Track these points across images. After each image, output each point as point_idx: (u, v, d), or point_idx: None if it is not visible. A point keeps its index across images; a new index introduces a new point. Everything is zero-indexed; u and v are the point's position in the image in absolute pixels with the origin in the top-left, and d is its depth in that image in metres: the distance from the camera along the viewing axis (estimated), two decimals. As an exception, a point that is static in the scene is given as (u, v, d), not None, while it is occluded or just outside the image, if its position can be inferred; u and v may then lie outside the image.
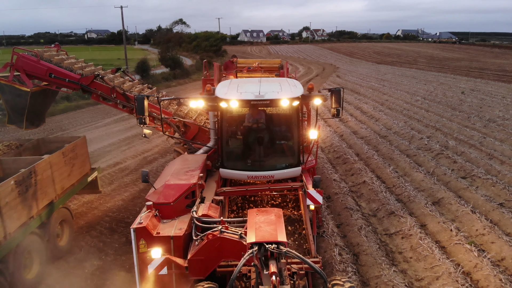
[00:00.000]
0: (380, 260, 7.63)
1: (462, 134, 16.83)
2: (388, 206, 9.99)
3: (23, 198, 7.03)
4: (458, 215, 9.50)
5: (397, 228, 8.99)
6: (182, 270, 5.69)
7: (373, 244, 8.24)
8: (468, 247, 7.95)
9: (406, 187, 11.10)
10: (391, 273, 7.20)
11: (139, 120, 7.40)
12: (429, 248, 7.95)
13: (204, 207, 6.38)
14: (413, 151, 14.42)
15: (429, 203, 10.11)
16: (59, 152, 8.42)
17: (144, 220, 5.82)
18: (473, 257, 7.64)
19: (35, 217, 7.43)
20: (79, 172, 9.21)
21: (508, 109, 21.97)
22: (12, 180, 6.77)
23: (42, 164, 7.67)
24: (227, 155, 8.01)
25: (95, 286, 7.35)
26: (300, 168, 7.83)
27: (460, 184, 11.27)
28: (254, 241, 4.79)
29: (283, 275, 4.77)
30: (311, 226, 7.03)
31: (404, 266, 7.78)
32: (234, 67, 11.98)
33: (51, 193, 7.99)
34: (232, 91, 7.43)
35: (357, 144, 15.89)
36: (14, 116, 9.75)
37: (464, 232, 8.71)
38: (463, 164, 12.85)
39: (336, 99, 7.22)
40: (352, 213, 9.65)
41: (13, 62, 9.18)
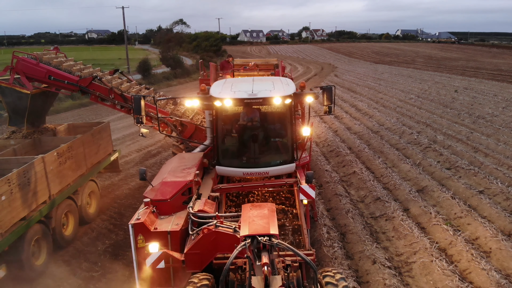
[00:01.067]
0: (364, 238, 8.45)
1: (451, 129, 17.64)
2: (375, 193, 10.82)
3: (62, 167, 8.68)
4: (439, 201, 10.32)
5: (381, 212, 9.82)
6: (179, 263, 5.86)
7: (359, 225, 9.07)
8: (445, 227, 8.77)
9: (393, 177, 11.92)
10: (373, 249, 8.02)
11: (136, 120, 7.64)
12: (409, 228, 8.77)
13: (200, 203, 6.56)
14: (402, 145, 15.24)
15: (413, 191, 10.93)
16: (90, 132, 10.11)
17: (142, 216, 6.02)
18: (448, 236, 8.46)
19: (71, 184, 9.06)
20: (104, 152, 10.80)
21: (497, 106, 22.78)
22: (55, 151, 8.46)
23: (77, 141, 9.37)
24: (223, 153, 8.17)
25: (108, 260, 8.18)
26: (294, 164, 7.98)
27: (444, 174, 12.08)
28: (247, 234, 4.91)
29: (275, 266, 4.91)
30: (305, 220, 7.19)
31: (386, 244, 8.60)
32: (230, 66, 12.27)
33: (83, 167, 9.67)
34: (226, 90, 7.60)
35: (350, 138, 16.71)
36: (15, 118, 10.04)
37: (443, 215, 9.53)
38: (448, 157, 13.66)
39: (328, 96, 7.45)
40: (341, 199, 10.47)
41: (13, 65, 9.42)
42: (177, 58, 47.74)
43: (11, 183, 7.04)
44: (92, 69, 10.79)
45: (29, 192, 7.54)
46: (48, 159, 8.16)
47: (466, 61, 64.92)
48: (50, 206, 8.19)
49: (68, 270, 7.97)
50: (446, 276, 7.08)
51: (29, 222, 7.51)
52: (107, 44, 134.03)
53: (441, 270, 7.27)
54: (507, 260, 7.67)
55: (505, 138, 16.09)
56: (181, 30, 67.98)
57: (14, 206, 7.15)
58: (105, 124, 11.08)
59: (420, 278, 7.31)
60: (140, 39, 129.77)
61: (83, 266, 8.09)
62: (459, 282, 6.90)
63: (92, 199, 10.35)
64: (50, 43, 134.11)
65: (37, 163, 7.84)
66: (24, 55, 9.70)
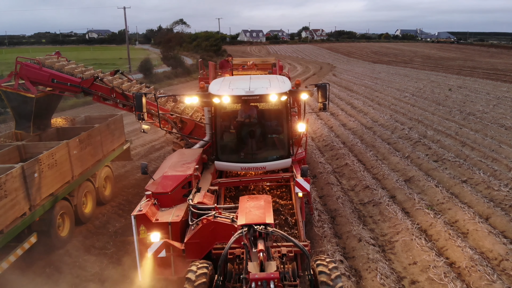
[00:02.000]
0: (352, 220, 9.24)
1: (441, 125, 18.42)
2: (364, 182, 11.60)
3: (83, 152, 9.79)
4: (424, 189, 11.10)
5: (370, 199, 10.60)
6: (179, 252, 6.09)
7: (348, 209, 9.85)
8: (427, 211, 9.56)
9: (382, 168, 12.70)
10: (360, 229, 8.80)
11: (138, 116, 7.86)
12: (394, 212, 9.56)
13: (200, 195, 6.84)
14: (393, 140, 16.02)
15: (401, 180, 11.71)
16: (105, 123, 11.17)
17: (144, 208, 6.28)
18: (429, 219, 9.24)
19: (90, 168, 10.13)
20: (117, 141, 11.90)
21: (488, 104, 23.55)
22: (77, 138, 9.56)
23: (95, 130, 10.47)
24: (222, 148, 8.37)
25: (119, 241, 8.98)
26: (290, 159, 8.22)
27: (431, 166, 12.86)
28: (244, 223, 5.17)
29: (270, 253, 5.16)
30: (300, 213, 7.39)
31: (372, 226, 9.39)
32: (229, 65, 12.54)
33: (100, 153, 10.74)
34: (224, 87, 7.83)
35: (344, 134, 17.49)
36: (21, 122, 10.31)
37: (426, 201, 10.32)
38: (436, 150, 14.44)
39: (323, 93, 7.65)
40: (333, 187, 11.26)
41: (17, 71, 9.72)
42: (178, 57, 48.56)
43: (42, 163, 8.16)
44: (94, 70, 11.13)
45: (56, 172, 8.66)
46: (72, 144, 9.31)
47: (463, 60, 65.54)
48: (73, 185, 9.30)
49: (85, 246, 8.92)
50: (424, 252, 7.86)
51: (56, 198, 8.64)
52: (107, 44, 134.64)
53: (420, 247, 8.05)
54: (482, 239, 8.43)
55: (492, 133, 16.87)
56: (181, 30, 68.57)
57: (44, 182, 8.25)
58: (119, 116, 12.14)
59: (401, 254, 8.09)
60: (141, 39, 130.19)
61: (96, 245, 8.91)
62: (435, 257, 7.68)
63: (107, 183, 11.43)
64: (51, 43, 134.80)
65: (63, 147, 8.96)
66: (27, 60, 10.03)
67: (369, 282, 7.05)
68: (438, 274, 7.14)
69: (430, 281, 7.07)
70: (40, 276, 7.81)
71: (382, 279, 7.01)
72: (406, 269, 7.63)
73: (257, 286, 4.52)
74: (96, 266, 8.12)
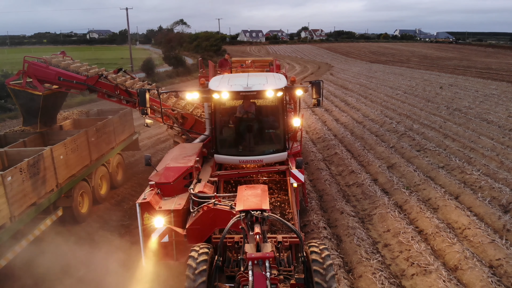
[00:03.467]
0: (337, 198, 10.50)
1: (427, 120, 19.67)
2: (350, 167, 12.86)
3: (99, 140, 10.96)
4: (404, 173, 12.36)
5: (354, 181, 11.87)
6: (181, 238, 6.39)
7: (334, 190, 11.11)
8: (403, 191, 10.82)
9: (368, 156, 13.96)
10: (343, 205, 10.06)
11: (142, 111, 8.18)
12: (374, 191, 10.82)
13: (200, 185, 7.22)
14: (381, 132, 17.27)
15: (384, 166, 12.96)
16: (117, 115, 12.38)
17: (148, 197, 6.60)
18: (405, 196, 10.50)
19: (105, 154, 11.34)
20: (128, 132, 13.13)
21: (475, 101, 24.80)
22: (94, 127, 10.73)
23: (109, 121, 11.67)
24: (221, 142, 8.72)
25: (132, 214, 10.24)
26: (286, 153, 8.59)
27: (413, 154, 14.11)
28: (242, 209, 5.47)
29: (265, 236, 5.49)
30: (295, 203, 7.82)
31: (354, 203, 10.65)
32: (228, 64, 13.02)
33: (113, 142, 11.96)
34: (223, 84, 8.24)
35: (336, 128, 18.75)
36: (28, 119, 10.72)
37: (404, 183, 11.57)
38: (419, 141, 15.69)
39: (317, 90, 7.99)
40: (322, 172, 12.52)
41: (24, 70, 10.08)
42: (179, 57, 49.80)
43: (66, 147, 9.44)
44: (98, 68, 11.57)
45: (77, 156, 9.88)
46: (90, 132, 10.51)
47: (459, 60, 66.59)
48: (91, 168, 10.47)
49: (104, 219, 10.26)
50: (397, 222, 9.11)
51: (77, 178, 9.85)
52: (108, 44, 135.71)
53: (394, 218, 9.30)
54: (449, 213, 9.68)
55: (474, 126, 18.13)
56: (181, 30, 69.76)
57: (68, 164, 9.54)
58: (128, 110, 13.21)
59: (377, 224, 9.35)
60: (141, 39, 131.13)
61: (113, 218, 10.21)
62: (406, 225, 8.93)
63: (119, 169, 12.68)
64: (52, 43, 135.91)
65: (82, 134, 10.19)
66: (34, 59, 10.44)
67: (347, 244, 8.31)
68: (407, 238, 8.39)
69: (399, 243, 8.32)
70: (70, 238, 9.12)
71: (358, 242, 8.26)
72: (381, 236, 8.89)
73: (253, 264, 4.83)
74: (116, 232, 9.46)
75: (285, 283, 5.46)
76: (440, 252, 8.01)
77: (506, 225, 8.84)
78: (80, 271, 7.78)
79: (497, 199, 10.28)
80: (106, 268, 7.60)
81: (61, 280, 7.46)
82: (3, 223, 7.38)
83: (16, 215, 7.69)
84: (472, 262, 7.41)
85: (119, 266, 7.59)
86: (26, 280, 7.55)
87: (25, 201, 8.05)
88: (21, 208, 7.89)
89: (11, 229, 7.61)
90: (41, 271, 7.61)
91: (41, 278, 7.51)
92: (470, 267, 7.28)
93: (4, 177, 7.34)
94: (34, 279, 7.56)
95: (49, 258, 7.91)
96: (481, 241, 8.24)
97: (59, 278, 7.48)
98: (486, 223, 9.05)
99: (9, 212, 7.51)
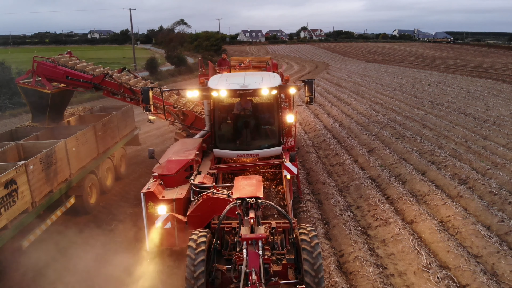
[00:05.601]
0: (322, 174, 12.40)
1: (410, 112, 21.54)
2: (335, 151, 14.75)
3: (105, 134, 11.81)
4: (381, 155, 14.23)
5: (337, 161, 13.76)
6: (182, 224, 6.87)
7: (320, 168, 13.00)
8: (378, 168, 12.70)
9: (352, 142, 15.84)
10: (326, 179, 11.95)
11: (145, 108, 8.69)
12: (353, 169, 12.70)
13: (200, 177, 7.70)
14: (366, 123, 19.14)
15: (364, 150, 14.85)
16: (120, 111, 13.16)
17: (152, 187, 7.02)
18: (379, 172, 12.39)
19: (110, 148, 12.19)
20: (129, 127, 13.96)
21: (458, 96, 26.68)
22: (100, 122, 11.49)
23: (113, 117, 12.45)
24: (220, 137, 9.21)
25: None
26: (280, 147, 9.09)
27: (391, 141, 15.98)
28: (238, 197, 5.89)
29: (259, 220, 5.93)
30: (289, 193, 8.36)
31: (336, 178, 12.54)
32: (226, 63, 13.61)
33: (117, 136, 12.77)
34: (222, 82, 8.74)
35: (327, 119, 20.63)
36: (37, 116, 11.23)
37: (380, 162, 13.45)
38: (399, 130, 17.56)
39: (309, 88, 8.54)
40: (311, 155, 14.41)
41: (34, 69, 10.55)
42: (181, 56, 51.70)
43: (78, 140, 10.12)
44: (103, 68, 12.04)
45: (87, 148, 10.55)
46: (97, 126, 11.15)
47: (454, 59, 68.00)
48: (98, 161, 11.15)
49: (113, 207, 11.47)
50: (369, 190, 10.99)
51: (86, 169, 10.49)
52: (109, 44, 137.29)
53: (367, 188, 11.18)
54: (414, 184, 11.49)
55: (452, 118, 19.99)
56: (182, 30, 71.58)
57: (79, 156, 10.23)
58: (130, 106, 13.76)
59: (352, 192, 11.24)
60: (142, 39, 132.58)
61: (121, 204, 11.87)
62: (375, 192, 10.80)
63: (122, 162, 13.52)
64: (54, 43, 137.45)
65: (91, 129, 10.85)
66: (42, 59, 10.95)
67: (326, 205, 10.21)
68: (375, 201, 10.27)
69: (368, 205, 10.21)
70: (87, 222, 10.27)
71: (335, 204, 10.16)
72: (354, 200, 10.78)
73: (248, 244, 5.28)
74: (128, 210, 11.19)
75: (278, 264, 6.00)
76: (401, 211, 9.89)
77: (460, 193, 10.70)
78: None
79: (458, 175, 12.14)
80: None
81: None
82: (26, 208, 8.02)
83: (36, 201, 8.32)
84: (425, 217, 9.29)
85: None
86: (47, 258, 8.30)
87: (44, 188, 8.66)
88: (40, 195, 8.50)
89: (33, 214, 8.25)
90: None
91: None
92: (423, 220, 9.16)
93: (27, 166, 7.95)
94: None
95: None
96: (436, 203, 10.12)
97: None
98: (443, 191, 10.92)
99: (31, 198, 8.13)
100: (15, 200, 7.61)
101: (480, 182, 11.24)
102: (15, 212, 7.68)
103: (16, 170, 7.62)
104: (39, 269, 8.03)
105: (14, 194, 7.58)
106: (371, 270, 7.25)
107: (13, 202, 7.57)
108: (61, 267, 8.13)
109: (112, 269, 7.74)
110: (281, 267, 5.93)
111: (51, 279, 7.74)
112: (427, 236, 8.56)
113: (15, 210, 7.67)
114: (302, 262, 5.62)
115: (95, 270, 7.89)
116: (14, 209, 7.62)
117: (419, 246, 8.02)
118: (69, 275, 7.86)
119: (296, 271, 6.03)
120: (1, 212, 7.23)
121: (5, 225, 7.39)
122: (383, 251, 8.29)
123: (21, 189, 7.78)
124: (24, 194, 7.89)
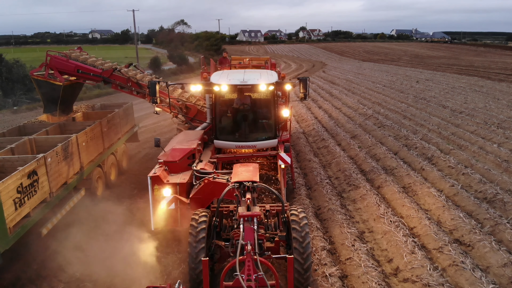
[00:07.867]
0: (309, 154, 14.56)
1: (394, 106, 23.68)
2: (322, 137, 16.91)
3: (109, 131, 12.15)
4: (362, 140, 16.37)
5: (323, 145, 15.93)
6: (185, 205, 7.32)
7: (308, 150, 15.16)
8: (357, 149, 14.85)
9: (337, 130, 18.00)
10: (313, 159, 14.10)
11: (152, 100, 9.25)
12: (337, 151, 14.84)
13: (202, 164, 8.26)
14: (353, 115, 21.29)
15: (348, 136, 17.00)
16: (122, 109, 13.46)
17: (158, 171, 7.54)
18: (357, 152, 14.55)
19: (114, 144, 12.59)
20: (130, 125, 14.32)
21: (441, 92, 28.81)
22: (106, 119, 11.91)
23: (116, 114, 12.83)
24: (220, 130, 9.74)
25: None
26: (276, 140, 9.69)
27: (372, 128, 18.11)
28: (236, 180, 6.34)
29: (255, 201, 6.34)
30: (283, 181, 8.96)
31: (320, 157, 14.70)
32: (227, 61, 14.10)
33: (119, 133, 13.17)
34: (223, 78, 9.36)
35: (318, 112, 22.79)
36: (49, 106, 11.64)
37: (359, 145, 15.59)
38: (381, 120, 19.70)
39: (304, 85, 9.16)
40: (301, 140, 16.58)
41: (47, 62, 10.98)
42: (183, 56, 53.80)
43: (87, 135, 10.59)
44: (111, 63, 12.44)
45: (94, 143, 10.99)
46: (103, 123, 11.49)
47: (447, 59, 69.32)
48: (103, 156, 11.57)
49: (117, 195, 12.79)
50: (346, 165, 13.13)
51: (94, 164, 10.94)
52: (110, 44, 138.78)
53: (345, 163, 13.32)
54: (386, 161, 13.61)
55: (431, 110, 22.13)
56: (182, 30, 73.10)
57: (88, 151, 10.66)
58: (129, 104, 14.25)
59: (333, 167, 13.39)
60: (142, 39, 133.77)
61: (124, 195, 13.97)
62: (351, 166, 12.93)
63: (124, 157, 13.95)
64: (56, 43, 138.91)
65: (97, 125, 11.24)
66: (55, 53, 11.40)
67: (310, 176, 12.38)
68: (350, 173, 12.41)
69: (345, 176, 12.35)
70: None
71: (317, 175, 12.32)
72: (334, 173, 12.94)
73: (244, 221, 5.72)
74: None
75: (271, 241, 6.63)
76: (371, 180, 12.06)
77: (423, 167, 12.81)
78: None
79: (425, 154, 14.26)
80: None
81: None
82: (45, 198, 8.44)
83: (54, 191, 8.76)
84: (390, 183, 11.41)
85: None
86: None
87: (60, 180, 9.12)
88: (57, 186, 8.95)
89: (51, 204, 8.71)
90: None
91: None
92: (387, 185, 11.30)
93: (46, 158, 8.37)
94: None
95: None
96: (401, 174, 12.25)
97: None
98: (409, 166, 13.05)
99: (49, 188, 8.56)
100: (36, 190, 8.07)
101: (442, 159, 13.37)
102: (36, 201, 8.14)
103: (37, 162, 8.12)
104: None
105: (35, 184, 8.03)
106: (340, 217, 9.39)
107: (35, 192, 8.02)
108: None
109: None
110: (273, 244, 6.59)
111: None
112: (389, 196, 10.71)
113: (36, 199, 8.13)
114: (292, 240, 6.19)
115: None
116: (35, 198, 8.09)
117: (380, 202, 10.15)
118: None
119: (287, 247, 6.60)
120: (25, 200, 7.64)
121: (28, 213, 7.83)
122: (353, 207, 10.44)
123: (41, 180, 8.27)
124: (43, 185, 8.35)
